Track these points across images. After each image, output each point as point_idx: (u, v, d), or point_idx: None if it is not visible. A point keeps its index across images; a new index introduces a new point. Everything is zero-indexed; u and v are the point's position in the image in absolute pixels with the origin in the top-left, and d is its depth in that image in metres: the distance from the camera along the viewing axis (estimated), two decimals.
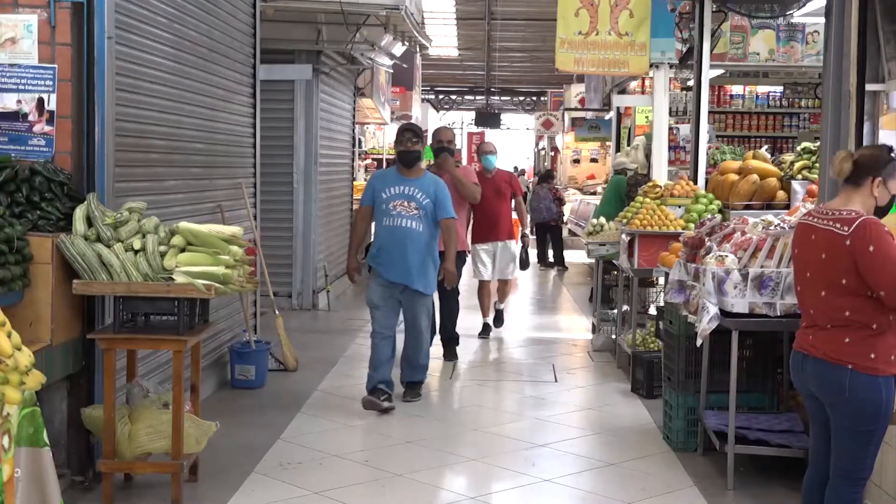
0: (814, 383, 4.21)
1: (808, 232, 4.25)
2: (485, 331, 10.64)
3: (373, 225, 7.86)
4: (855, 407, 4.04)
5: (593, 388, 8.38)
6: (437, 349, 8.98)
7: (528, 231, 11.14)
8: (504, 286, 10.77)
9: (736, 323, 5.60)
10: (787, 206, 7.97)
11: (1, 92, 5.44)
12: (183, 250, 5.20)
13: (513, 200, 10.62)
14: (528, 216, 12.18)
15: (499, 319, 10.83)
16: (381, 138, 23.00)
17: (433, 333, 8.84)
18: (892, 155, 4.22)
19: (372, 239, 7.88)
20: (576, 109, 23.34)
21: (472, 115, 36.49)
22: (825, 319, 4.13)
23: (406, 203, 7.38)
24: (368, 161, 22.00)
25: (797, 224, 4.45)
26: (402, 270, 7.39)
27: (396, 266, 7.39)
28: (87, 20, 5.42)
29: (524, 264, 10.68)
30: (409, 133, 7.62)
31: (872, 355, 4.00)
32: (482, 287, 10.46)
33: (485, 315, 10.68)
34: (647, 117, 14.56)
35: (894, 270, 3.93)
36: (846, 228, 4.03)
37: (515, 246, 10.55)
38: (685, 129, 12.21)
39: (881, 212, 4.21)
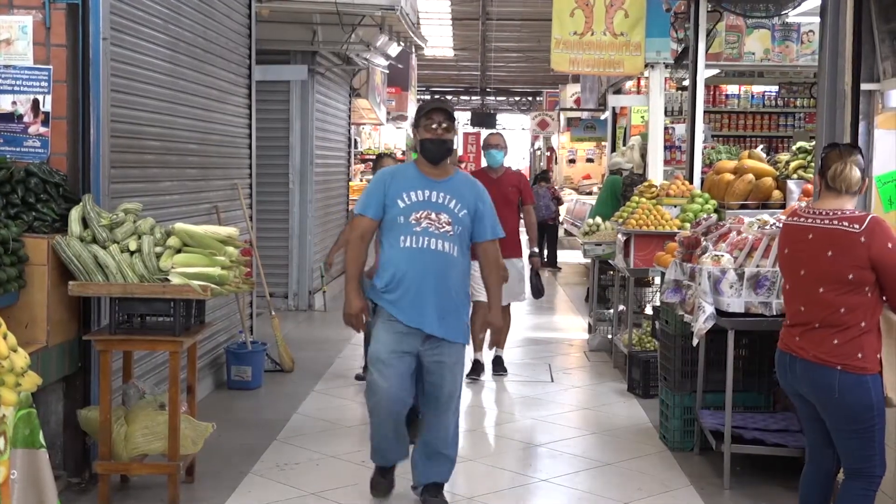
0: (804, 385, 4.25)
1: (803, 232, 4.29)
2: (474, 370, 8.41)
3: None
4: (846, 407, 4.09)
5: (590, 388, 8.38)
6: None
7: (536, 249, 8.90)
8: (504, 316, 8.03)
9: (732, 322, 5.61)
10: (783, 206, 7.98)
11: None
12: (179, 251, 5.19)
13: (521, 209, 8.59)
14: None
15: (499, 365, 8.72)
16: (377, 139, 23.00)
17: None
18: (836, 148, 4.36)
19: (377, 263, 5.41)
20: (571, 109, 23.37)
21: (468, 115, 36.48)
22: (816, 318, 4.18)
23: (435, 216, 5.06)
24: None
25: (784, 225, 4.52)
26: (429, 313, 5.05)
27: (420, 306, 5.05)
28: (82, 21, 5.42)
29: (538, 292, 8.79)
30: (440, 114, 5.20)
31: (860, 355, 4.09)
32: (477, 309, 6.97)
33: (477, 349, 8.45)
34: (642, 117, 14.59)
35: None
36: (857, 226, 4.11)
37: (518, 263, 8.45)
38: (681, 129, 12.24)
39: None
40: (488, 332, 5.98)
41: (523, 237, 8.95)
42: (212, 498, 5.43)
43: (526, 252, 8.75)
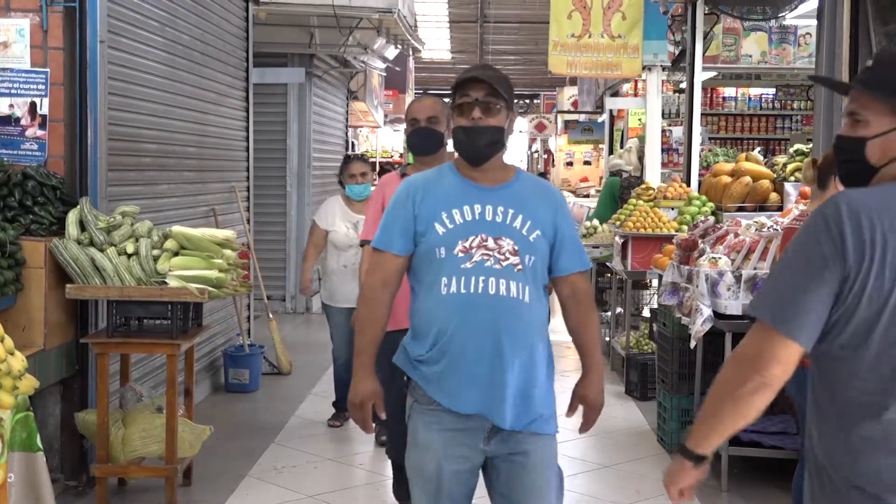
0: (801, 383, 4.23)
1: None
2: None
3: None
4: None
5: None
6: None
7: None
8: None
9: (729, 325, 5.61)
10: (780, 208, 7.99)
11: None
12: (176, 254, 5.19)
13: None
14: None
15: None
16: (375, 141, 23.00)
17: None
18: None
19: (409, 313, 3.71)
20: (569, 112, 23.37)
21: None
22: None
23: (493, 243, 3.28)
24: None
25: (784, 229, 4.51)
26: (496, 392, 3.25)
27: (481, 383, 3.25)
28: (80, 24, 5.42)
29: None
30: (478, 87, 3.36)
31: None
32: None
33: None
34: (639, 120, 14.60)
35: None
36: None
37: None
38: (678, 132, 12.25)
39: None
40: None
41: None
42: (209, 501, 5.42)
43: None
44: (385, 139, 25.71)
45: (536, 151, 34.21)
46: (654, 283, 8.77)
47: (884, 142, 2.19)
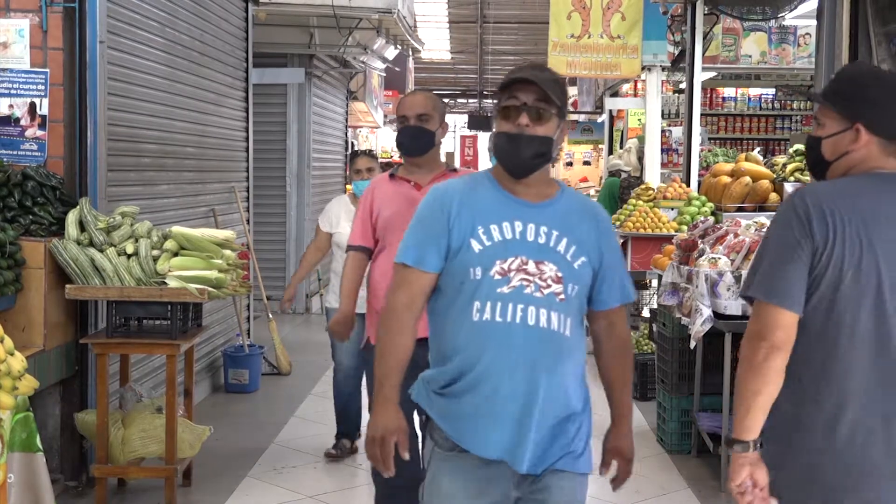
0: None
1: None
2: None
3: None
4: None
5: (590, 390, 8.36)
6: None
7: None
8: None
9: (729, 325, 5.61)
10: None
11: None
12: (176, 254, 5.19)
13: None
14: None
15: None
16: (374, 142, 23.01)
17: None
18: None
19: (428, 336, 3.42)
20: (568, 112, 23.37)
21: (465, 118, 36.49)
22: None
23: (535, 267, 2.88)
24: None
25: None
26: (525, 435, 2.86)
27: (509, 422, 2.86)
28: (79, 25, 5.42)
29: None
30: (527, 90, 2.93)
31: None
32: None
33: None
34: (639, 120, 14.60)
35: None
36: None
37: None
38: (677, 132, 12.25)
39: None
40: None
41: None
42: (209, 501, 5.42)
43: None
44: (385, 139, 25.73)
45: None
46: (654, 283, 8.77)
47: (834, 141, 2.74)
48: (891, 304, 2.56)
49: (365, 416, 6.11)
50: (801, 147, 8.91)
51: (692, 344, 5.81)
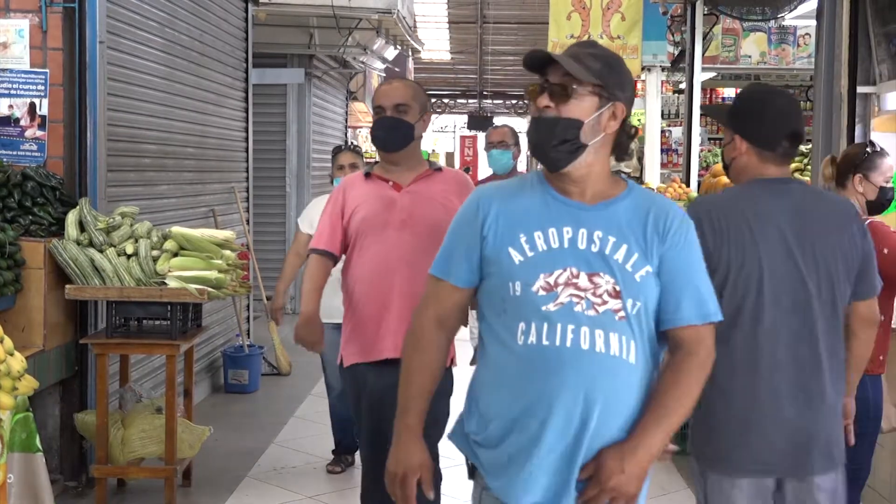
0: None
1: None
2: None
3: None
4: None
5: None
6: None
7: None
8: None
9: None
10: None
11: None
12: (176, 255, 5.19)
13: None
14: None
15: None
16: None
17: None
18: (869, 149, 4.28)
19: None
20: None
21: (465, 118, 36.49)
22: None
23: (587, 280, 2.40)
24: None
25: None
26: (569, 478, 2.39)
27: (556, 464, 2.39)
28: (79, 25, 5.42)
29: None
30: (557, 67, 2.43)
31: None
32: None
33: None
34: (639, 120, 14.59)
35: None
36: None
37: None
38: (677, 132, 12.25)
39: (879, 207, 4.26)
40: None
41: None
42: (209, 501, 5.42)
43: None
44: None
45: None
46: None
47: (726, 150, 3.20)
48: (768, 294, 2.96)
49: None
50: (800, 147, 8.93)
51: None
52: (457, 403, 3.68)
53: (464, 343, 4.45)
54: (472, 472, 2.59)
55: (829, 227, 3.06)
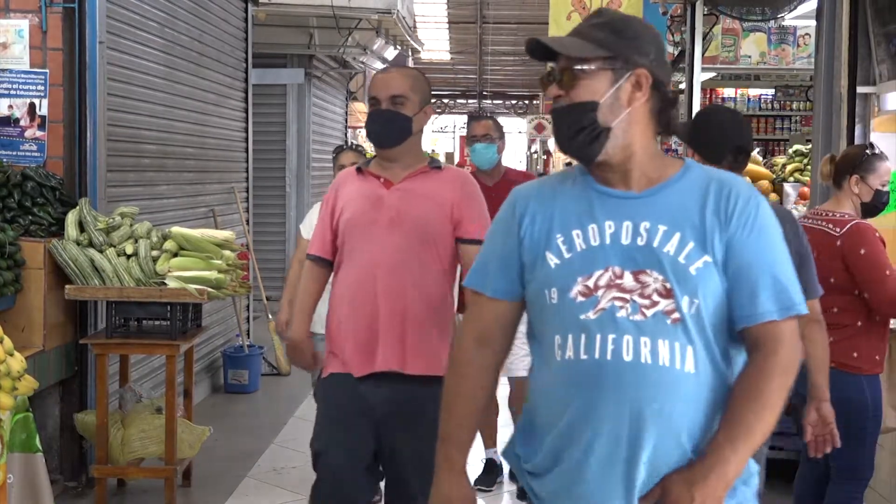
0: (799, 383, 4.26)
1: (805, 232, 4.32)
2: (487, 475, 5.72)
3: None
4: (839, 405, 4.09)
5: None
6: None
7: None
8: (515, 395, 5.64)
9: None
10: None
11: None
12: (175, 255, 5.19)
13: None
14: None
15: (490, 472, 5.73)
16: None
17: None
18: (868, 151, 4.30)
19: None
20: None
21: (464, 118, 36.51)
22: None
23: (634, 280, 2.07)
24: None
25: None
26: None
27: (605, 496, 2.07)
28: (79, 25, 5.42)
29: None
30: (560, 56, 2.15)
31: (855, 354, 4.11)
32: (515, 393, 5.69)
33: (489, 443, 5.80)
34: None
35: (881, 275, 4.07)
36: (838, 229, 4.15)
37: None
38: None
39: (873, 209, 4.28)
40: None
41: None
42: (209, 502, 5.42)
43: None
44: None
45: (536, 152, 34.25)
46: None
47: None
48: None
49: None
50: (800, 148, 8.92)
51: None
52: None
53: None
54: (523, 495, 2.41)
55: None
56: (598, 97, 2.09)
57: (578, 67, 2.10)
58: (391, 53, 14.40)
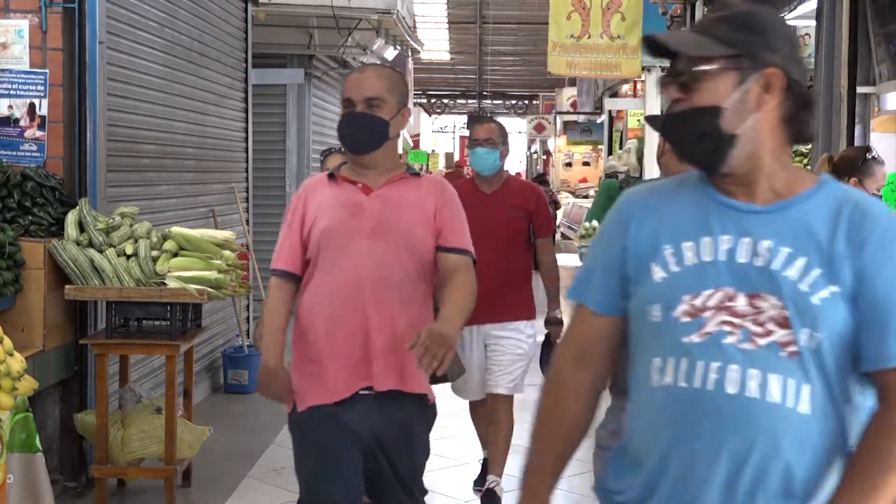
0: None
1: None
2: (483, 477, 5.49)
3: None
4: None
5: None
6: None
7: (559, 312, 5.31)
8: (503, 410, 5.32)
9: None
10: None
11: None
12: (175, 255, 5.19)
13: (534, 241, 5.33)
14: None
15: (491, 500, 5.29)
16: None
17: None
18: (869, 156, 4.30)
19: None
20: (568, 113, 23.42)
21: (464, 118, 36.55)
22: None
23: (748, 304, 1.84)
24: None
25: None
26: None
27: None
28: (79, 25, 5.41)
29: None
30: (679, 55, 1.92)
31: None
32: (473, 409, 5.59)
33: (497, 469, 5.33)
34: (638, 120, 14.61)
35: None
36: None
37: (528, 329, 5.31)
38: None
39: None
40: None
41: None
42: (209, 502, 5.42)
43: (544, 347, 5.38)
44: None
45: (535, 152, 34.28)
46: None
47: (659, 151, 3.69)
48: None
49: None
50: (800, 148, 8.93)
51: None
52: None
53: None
54: None
55: None
56: (722, 101, 1.86)
57: (700, 68, 1.87)
58: (391, 54, 14.39)
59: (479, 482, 5.51)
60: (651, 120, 2.11)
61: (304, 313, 3.32)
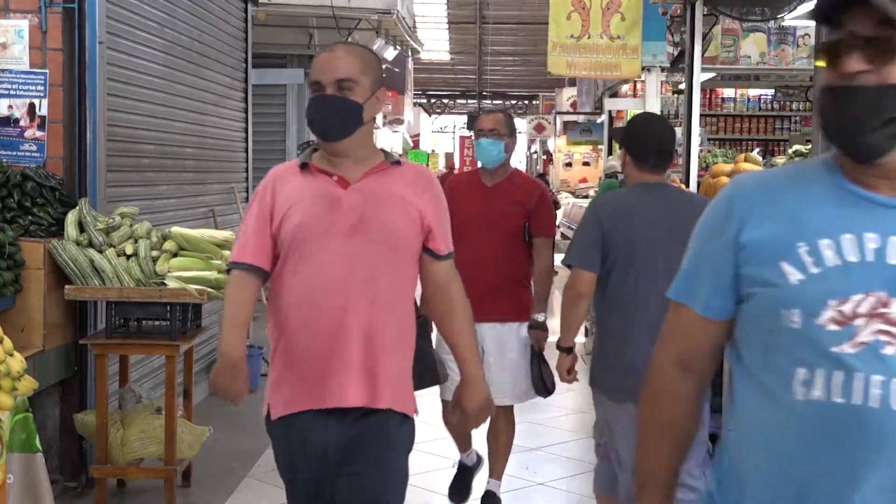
0: None
1: None
2: (461, 480, 5.41)
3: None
4: None
5: (586, 392, 8.34)
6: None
7: (542, 316, 5.16)
8: (504, 420, 5.29)
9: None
10: None
11: None
12: (175, 255, 5.19)
13: (532, 241, 5.11)
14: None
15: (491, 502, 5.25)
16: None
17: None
18: None
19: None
20: (568, 113, 23.41)
21: (464, 118, 36.54)
22: None
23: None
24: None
25: None
26: None
27: None
28: (79, 25, 5.42)
29: (544, 389, 5.35)
30: (864, 15, 1.63)
31: None
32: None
33: (462, 448, 5.36)
34: None
35: None
36: None
37: (525, 333, 5.17)
38: (677, 133, 12.25)
39: None
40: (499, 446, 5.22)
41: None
42: (209, 502, 5.42)
43: (533, 360, 5.29)
44: (383, 140, 25.75)
45: (535, 152, 34.28)
46: None
47: (622, 163, 4.24)
48: (642, 270, 3.91)
49: None
50: (800, 148, 8.93)
51: None
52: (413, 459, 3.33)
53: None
54: None
55: (690, 214, 2.75)
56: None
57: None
58: (391, 54, 14.39)
59: (458, 490, 5.33)
60: (616, 132, 2.11)
61: (279, 314, 3.07)
